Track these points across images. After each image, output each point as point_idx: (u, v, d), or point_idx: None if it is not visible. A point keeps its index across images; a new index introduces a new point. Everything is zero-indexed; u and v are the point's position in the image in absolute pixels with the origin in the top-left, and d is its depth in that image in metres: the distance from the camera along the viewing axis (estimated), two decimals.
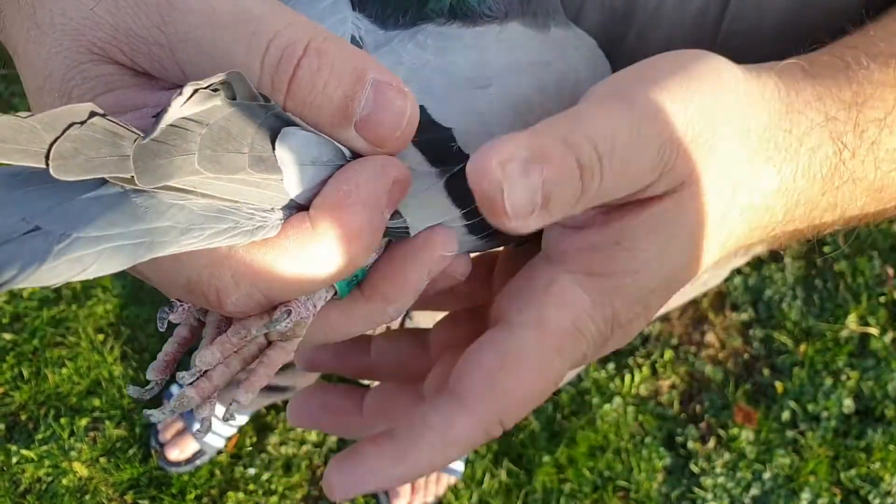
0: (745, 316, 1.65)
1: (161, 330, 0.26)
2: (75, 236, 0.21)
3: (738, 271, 1.69)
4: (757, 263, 1.70)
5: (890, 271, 1.67)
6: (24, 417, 1.54)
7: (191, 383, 0.27)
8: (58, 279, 0.21)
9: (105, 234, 0.21)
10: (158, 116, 0.22)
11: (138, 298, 1.64)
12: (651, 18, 0.34)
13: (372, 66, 0.25)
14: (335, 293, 0.28)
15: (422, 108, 0.28)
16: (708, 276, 0.66)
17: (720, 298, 1.68)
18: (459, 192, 0.29)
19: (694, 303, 1.67)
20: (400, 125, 0.26)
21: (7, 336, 1.60)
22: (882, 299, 1.64)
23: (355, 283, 0.29)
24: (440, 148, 0.29)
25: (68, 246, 0.21)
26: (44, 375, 1.57)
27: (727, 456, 1.52)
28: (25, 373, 1.56)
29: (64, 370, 1.57)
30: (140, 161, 0.21)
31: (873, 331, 1.61)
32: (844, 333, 1.62)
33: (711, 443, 1.54)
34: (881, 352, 1.59)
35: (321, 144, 0.25)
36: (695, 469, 1.51)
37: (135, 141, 0.21)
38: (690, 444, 1.53)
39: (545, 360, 0.29)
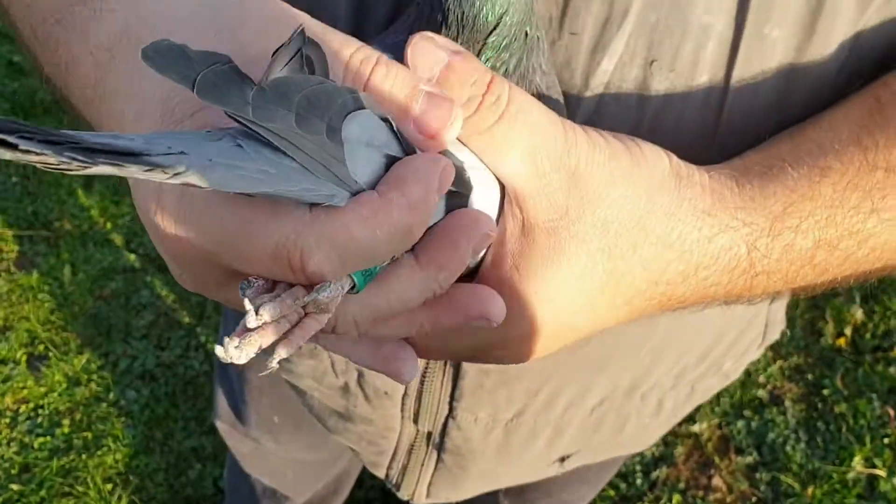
0: (749, 459, 1.65)
1: (241, 297, 0.32)
2: (214, 161, 0.28)
3: (740, 415, 1.70)
4: (758, 407, 1.72)
5: (891, 412, 1.69)
6: None
7: (252, 329, 0.31)
8: (208, 183, 0.28)
9: (233, 164, 0.28)
10: (269, 70, 0.30)
11: (148, 448, 1.66)
12: (663, 104, 0.41)
13: (423, 82, 0.34)
14: (353, 286, 0.33)
15: None
16: (729, 367, 0.71)
17: (724, 442, 1.69)
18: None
19: (698, 447, 1.68)
20: (447, 123, 0.33)
21: (14, 487, 1.60)
22: (886, 440, 1.65)
23: (370, 278, 0.34)
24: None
25: (212, 165, 0.28)
26: None
27: None
28: None
29: None
30: (256, 100, 0.29)
31: (881, 472, 1.60)
32: (851, 475, 1.61)
33: None
34: (891, 493, 1.57)
35: (378, 129, 0.33)
36: None
37: (254, 88, 0.29)
38: None
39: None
